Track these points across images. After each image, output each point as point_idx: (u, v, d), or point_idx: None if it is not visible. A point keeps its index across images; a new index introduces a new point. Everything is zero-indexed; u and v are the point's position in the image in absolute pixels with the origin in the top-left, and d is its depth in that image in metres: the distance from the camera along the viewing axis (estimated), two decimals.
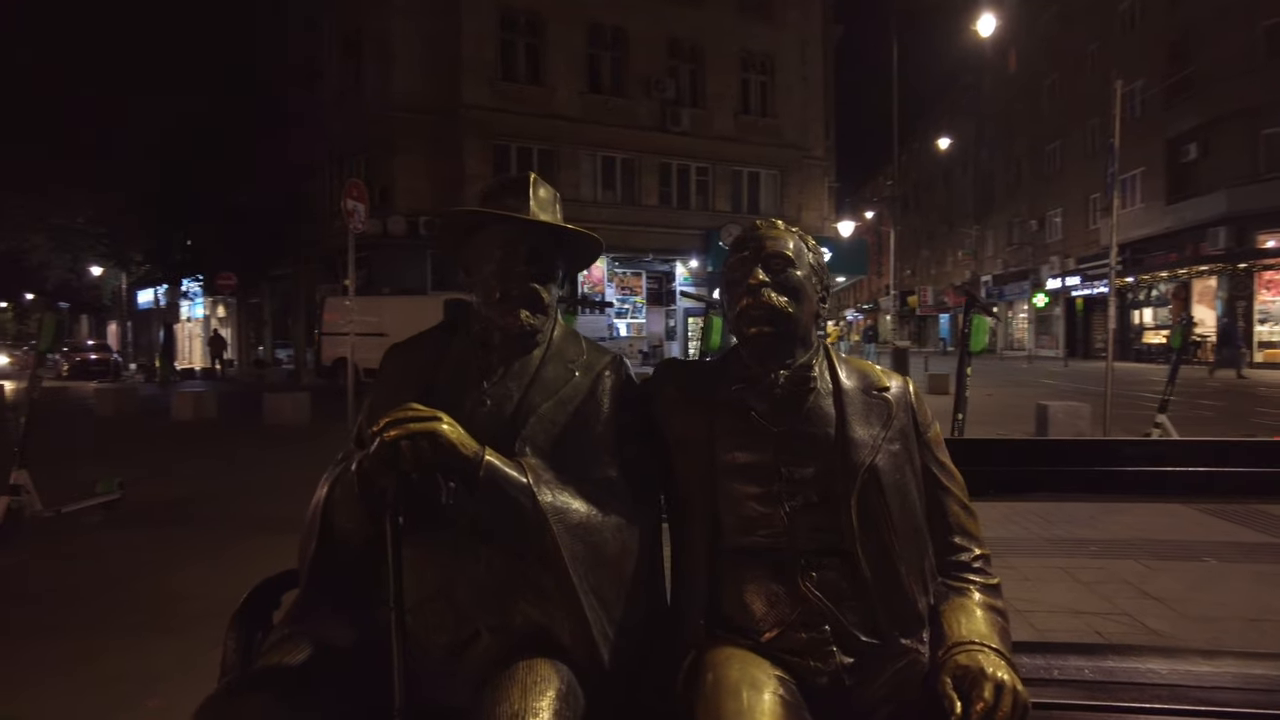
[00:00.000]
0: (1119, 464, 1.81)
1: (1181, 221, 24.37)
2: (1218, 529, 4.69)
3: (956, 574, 1.35)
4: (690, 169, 26.72)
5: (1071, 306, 32.32)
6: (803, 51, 28.06)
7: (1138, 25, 27.81)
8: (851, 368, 1.43)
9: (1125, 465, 1.81)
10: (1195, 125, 24.07)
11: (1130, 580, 3.62)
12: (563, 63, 24.65)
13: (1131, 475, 1.78)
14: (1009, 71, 39.00)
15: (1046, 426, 8.39)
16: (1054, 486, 1.92)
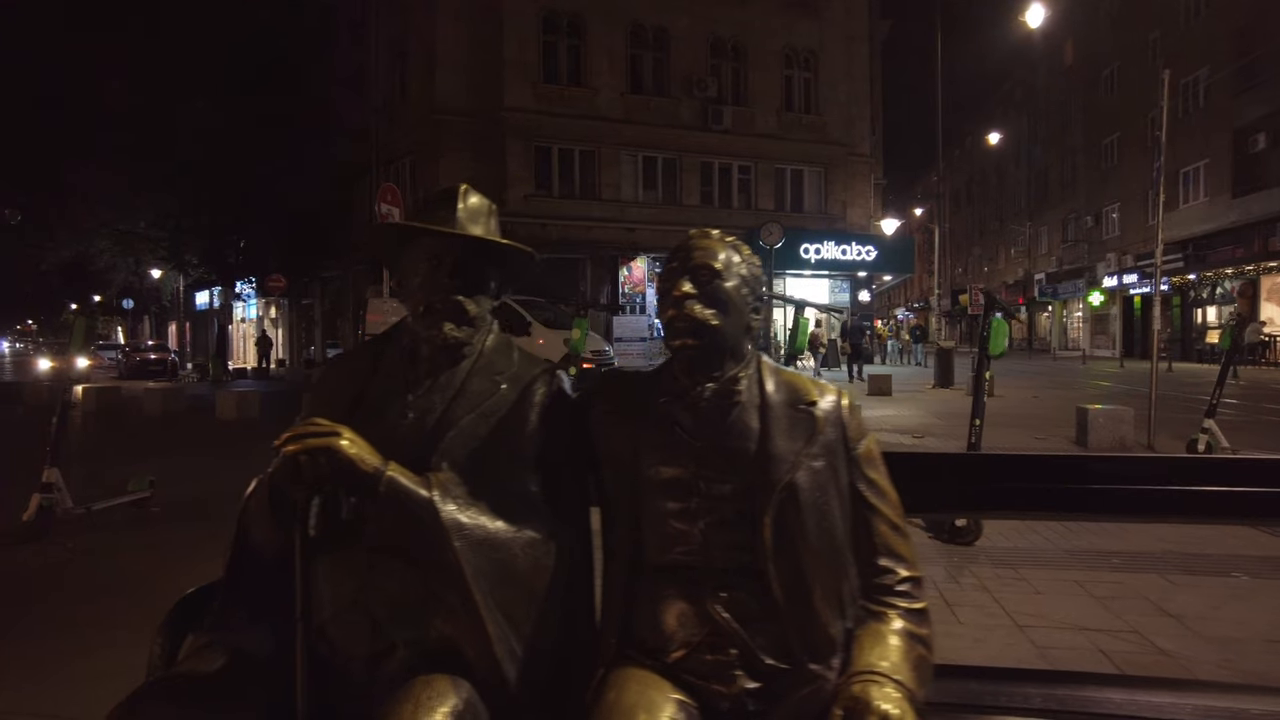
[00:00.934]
0: (1088, 481, 1.72)
1: (1249, 215, 23.35)
2: (1255, 542, 4.47)
3: (879, 597, 1.29)
4: (732, 168, 26.58)
5: (1129, 305, 31.24)
6: (848, 47, 27.67)
7: (1202, 12, 26.72)
8: (782, 380, 1.38)
9: (1095, 483, 1.72)
10: (1264, 114, 23.03)
11: (1149, 596, 3.46)
12: (604, 64, 24.73)
13: (1099, 494, 1.69)
14: (1065, 63, 37.85)
15: (1086, 433, 8.09)
16: (1016, 504, 1.84)
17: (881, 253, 26.92)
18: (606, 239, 24.66)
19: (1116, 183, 32.55)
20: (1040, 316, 41.78)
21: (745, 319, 1.37)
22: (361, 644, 1.27)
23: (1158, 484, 1.62)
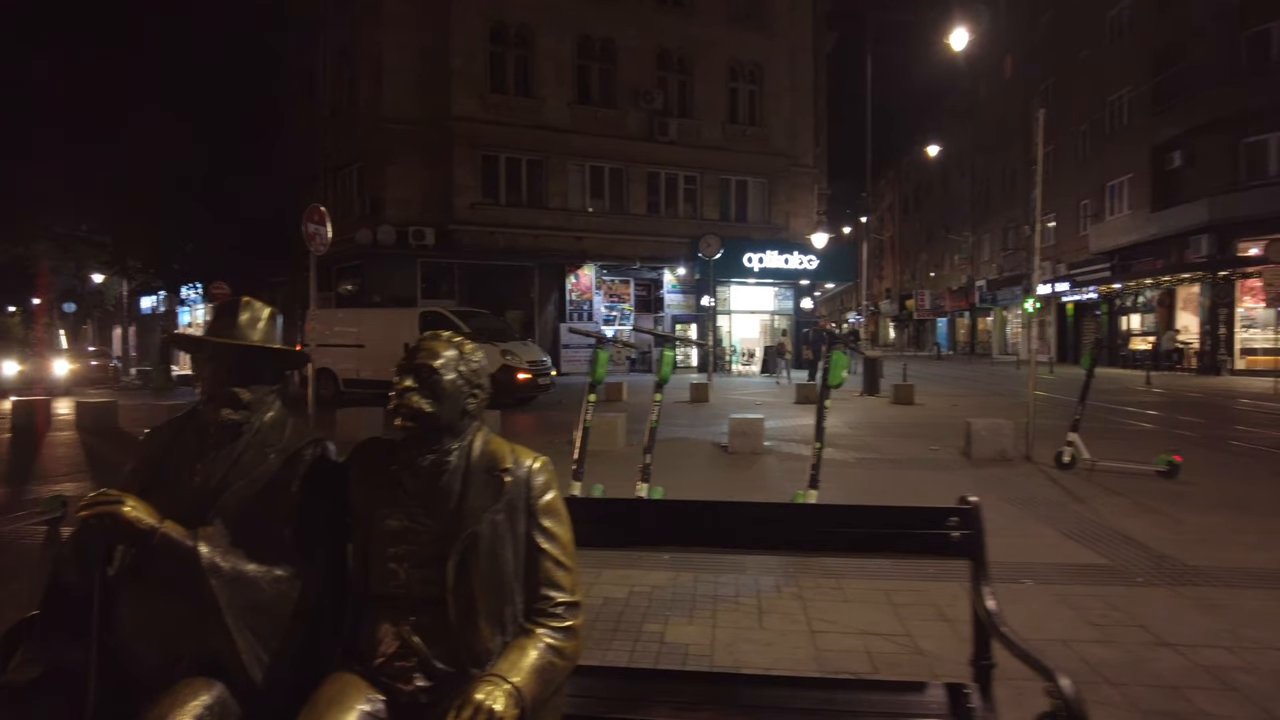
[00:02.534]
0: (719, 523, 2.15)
1: (1166, 229, 24.52)
2: (1059, 549, 5.04)
3: (534, 618, 1.72)
4: (678, 178, 27.16)
5: (1062, 311, 32.49)
6: (792, 60, 28.42)
7: (1125, 33, 27.95)
8: (488, 451, 1.81)
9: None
10: (1179, 133, 24.22)
11: (939, 603, 3.96)
12: (552, 74, 25.13)
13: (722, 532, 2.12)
14: (1005, 77, 39.14)
15: (971, 445, 8.70)
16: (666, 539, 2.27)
17: (824, 261, 27.63)
18: (555, 247, 25.05)
19: (1051, 194, 33.73)
20: (983, 321, 43.08)
21: (461, 405, 1.80)
22: (154, 657, 1.68)
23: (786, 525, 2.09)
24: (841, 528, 2.05)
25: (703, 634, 3.55)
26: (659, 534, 2.03)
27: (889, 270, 61.70)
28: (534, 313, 25.13)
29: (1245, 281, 21.85)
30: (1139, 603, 4.01)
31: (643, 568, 4.42)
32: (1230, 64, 22.11)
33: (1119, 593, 4.17)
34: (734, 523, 2.05)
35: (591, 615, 3.78)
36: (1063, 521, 5.78)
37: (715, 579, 4.31)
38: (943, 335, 48.43)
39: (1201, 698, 2.94)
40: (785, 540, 2.08)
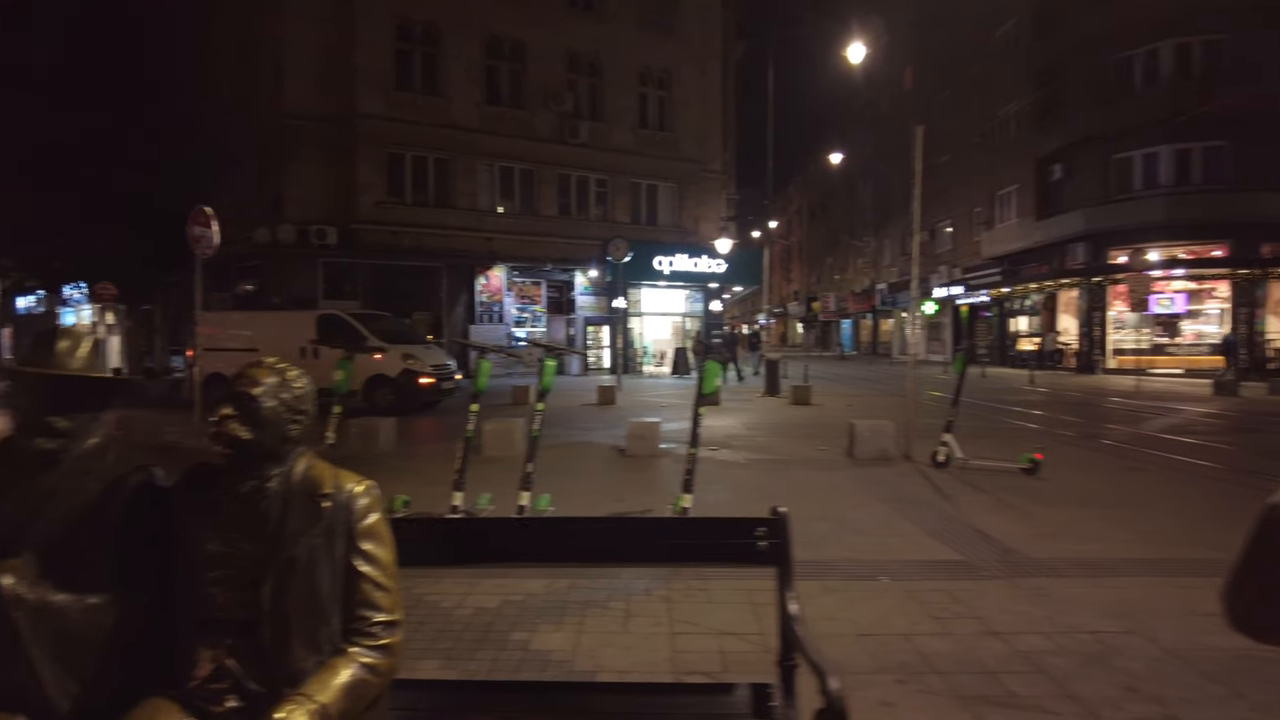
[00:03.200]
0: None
1: (1049, 237, 26.07)
2: (924, 547, 5.37)
3: (350, 638, 1.78)
4: (589, 180, 27.24)
5: (957, 314, 34.09)
6: (702, 68, 28.87)
7: (1012, 51, 29.56)
8: (309, 476, 1.86)
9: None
10: (1059, 148, 25.81)
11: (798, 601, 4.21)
12: (460, 73, 24.84)
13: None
14: (905, 89, 40.74)
15: (855, 445, 9.12)
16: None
17: (733, 265, 28.21)
18: (463, 248, 24.75)
19: (948, 202, 35.38)
20: (885, 323, 44.79)
21: (283, 431, 1.85)
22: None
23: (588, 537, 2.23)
24: (660, 539, 2.18)
25: (568, 640, 3.66)
26: (479, 552, 2.11)
27: (797, 273, 63.40)
28: (442, 314, 24.78)
29: (1115, 287, 23.48)
30: (979, 595, 4.33)
31: (518, 577, 4.49)
32: (1100, 86, 23.72)
33: (964, 586, 4.49)
34: (556, 538, 2.15)
35: (460, 627, 3.85)
36: (927, 519, 6.15)
37: (590, 585, 4.43)
38: (847, 336, 50.08)
39: (1013, 681, 3.23)
40: (607, 553, 2.20)
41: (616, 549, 2.15)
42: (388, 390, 14.42)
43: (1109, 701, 3.03)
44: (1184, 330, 23.75)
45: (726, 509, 6.46)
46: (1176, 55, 22.58)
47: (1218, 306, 23.21)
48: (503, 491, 6.33)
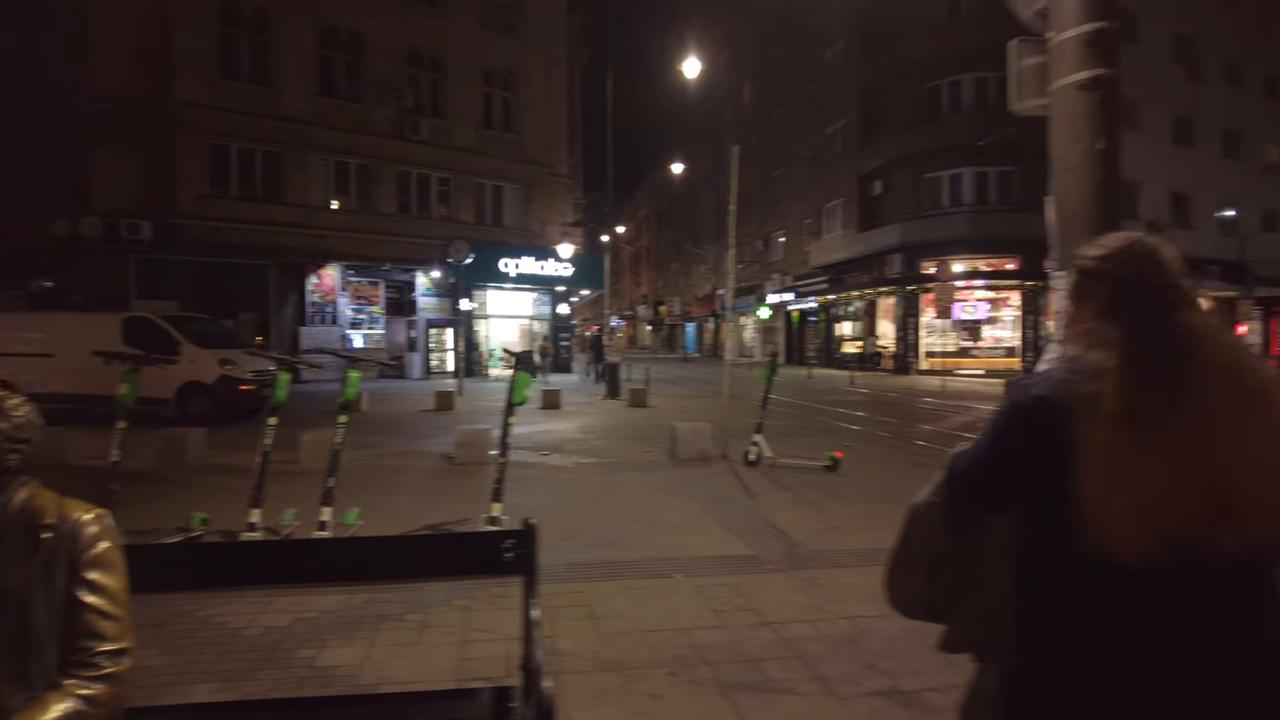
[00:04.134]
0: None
1: (870, 248, 28.09)
2: (721, 543, 5.74)
3: (69, 670, 1.77)
4: (431, 178, 26.66)
5: (789, 319, 36.04)
6: (547, 71, 28.92)
7: (839, 72, 31.61)
8: (31, 507, 1.82)
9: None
10: (879, 165, 27.88)
11: (590, 601, 4.42)
12: (292, 62, 23.66)
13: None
14: (744, 103, 42.61)
15: (677, 446, 9.54)
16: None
17: (580, 268, 28.48)
18: (294, 245, 23.57)
19: (781, 212, 37.36)
20: (725, 326, 46.63)
21: (3, 462, 1.81)
22: None
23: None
24: (414, 556, 2.29)
25: (357, 655, 3.68)
26: (226, 575, 2.13)
27: (646, 277, 64.78)
28: (270, 315, 23.47)
29: (926, 295, 25.68)
30: (761, 588, 4.70)
31: (314, 593, 4.43)
32: (913, 110, 25.90)
33: (749, 580, 4.85)
34: (305, 558, 2.21)
35: (245, 647, 3.76)
36: (730, 516, 6.56)
37: (389, 598, 4.43)
38: (691, 339, 51.70)
39: (772, 667, 3.56)
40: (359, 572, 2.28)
41: (369, 568, 2.23)
42: (203, 398, 13.52)
43: (849, 678, 3.42)
44: (984, 335, 26.33)
45: (546, 515, 6.59)
46: (976, 87, 25.03)
47: (1012, 314, 25.92)
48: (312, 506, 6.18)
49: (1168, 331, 1.31)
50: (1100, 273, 1.44)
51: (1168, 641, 1.24)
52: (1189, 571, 1.23)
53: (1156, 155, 28.92)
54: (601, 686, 3.36)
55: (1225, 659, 1.24)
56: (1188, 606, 1.24)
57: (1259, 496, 1.21)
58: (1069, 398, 1.34)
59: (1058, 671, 1.35)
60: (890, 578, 1.59)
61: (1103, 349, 1.35)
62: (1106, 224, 3.88)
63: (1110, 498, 1.24)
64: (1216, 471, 1.21)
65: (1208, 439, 1.22)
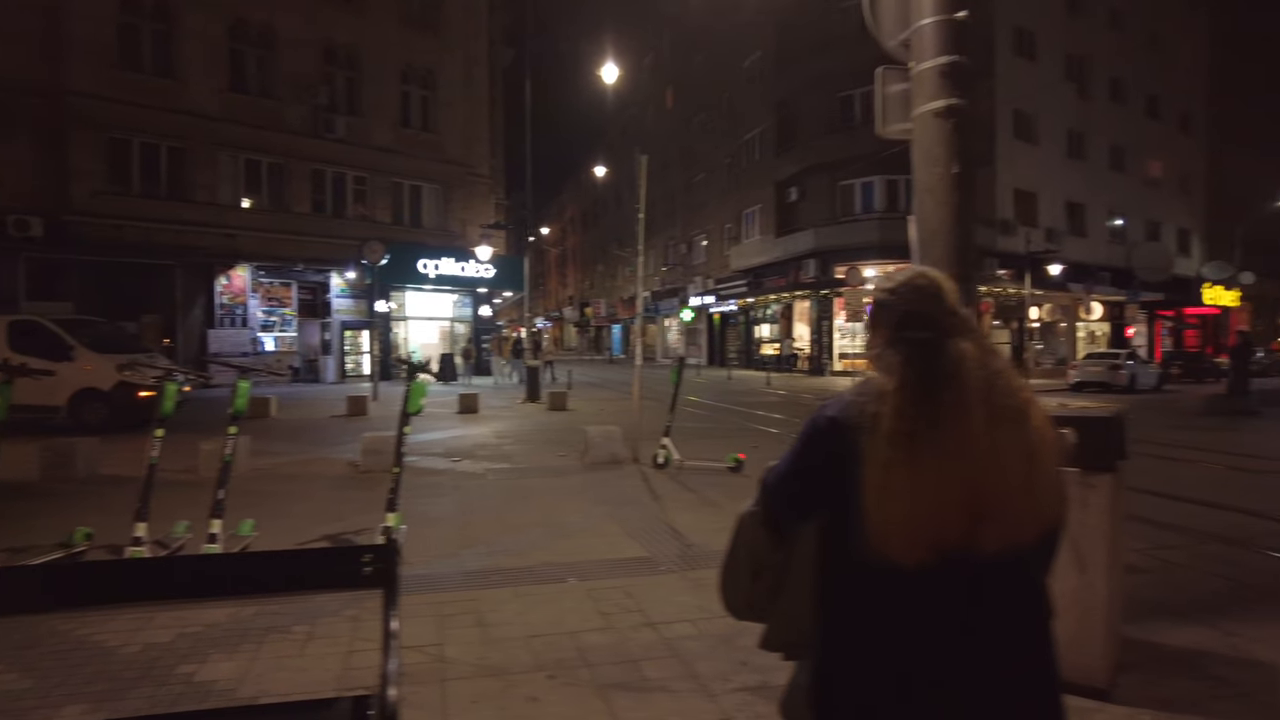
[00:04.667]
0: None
1: (787, 253, 28.79)
2: (619, 546, 5.89)
3: None
4: (347, 177, 26.15)
5: (711, 321, 36.60)
6: (467, 70, 28.66)
7: (757, 81, 32.30)
8: None
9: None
10: (795, 172, 28.61)
11: (482, 609, 4.50)
12: (199, 55, 22.89)
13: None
14: (667, 107, 43.04)
15: (588, 451, 9.66)
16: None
17: (503, 269, 28.34)
18: (201, 244, 22.77)
19: (703, 216, 37.90)
20: (651, 329, 46.99)
21: None
22: None
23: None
24: (272, 572, 2.34)
25: (238, 668, 3.67)
26: (101, 593, 2.12)
27: (572, 278, 64.70)
28: (176, 317, 22.60)
29: (839, 299, 26.48)
30: (651, 589, 4.86)
31: (200, 607, 4.39)
32: (827, 120, 26.68)
33: (641, 582, 5.01)
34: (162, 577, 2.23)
35: (121, 666, 3.71)
36: (632, 519, 6.72)
37: (278, 609, 4.42)
38: (618, 341, 51.91)
39: (651, 667, 3.72)
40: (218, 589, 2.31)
41: (227, 585, 2.27)
42: (99, 405, 12.97)
43: (721, 676, 3.60)
44: None
45: (448, 522, 6.64)
46: None
47: None
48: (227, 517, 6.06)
49: (938, 358, 1.49)
50: (888, 304, 1.62)
51: (942, 633, 1.43)
52: (959, 571, 1.42)
53: (1052, 167, 30.58)
54: (482, 691, 3.46)
55: (993, 644, 1.41)
56: (959, 601, 1.42)
57: (1012, 505, 1.38)
58: (857, 417, 1.52)
59: (848, 667, 1.52)
60: (722, 581, 1.76)
61: (885, 373, 1.53)
62: (962, 242, 4.18)
63: (886, 509, 1.41)
64: (975, 484, 1.37)
65: (967, 455, 1.39)
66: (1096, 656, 3.44)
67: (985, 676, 1.41)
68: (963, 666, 1.40)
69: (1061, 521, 1.52)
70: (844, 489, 1.47)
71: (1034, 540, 1.42)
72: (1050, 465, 1.44)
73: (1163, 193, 37.20)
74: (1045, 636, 1.51)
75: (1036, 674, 1.46)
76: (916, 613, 1.42)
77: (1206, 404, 17.56)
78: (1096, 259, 32.04)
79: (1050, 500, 1.44)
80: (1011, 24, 29.28)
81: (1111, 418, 3.50)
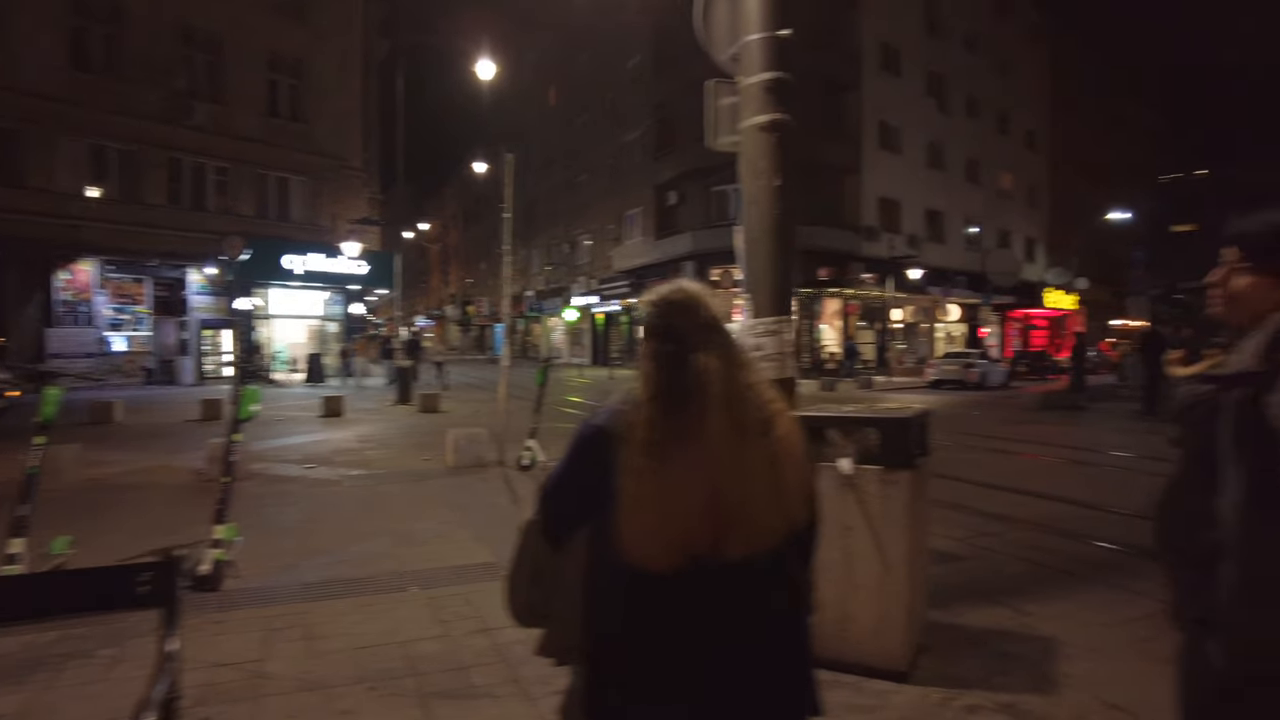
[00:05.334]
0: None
1: (666, 254, 29.26)
2: (467, 552, 5.85)
3: None
4: (207, 168, 24.72)
5: (594, 321, 36.74)
6: (341, 60, 27.64)
7: (637, 84, 32.65)
8: None
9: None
10: (673, 176, 29.10)
11: (313, 622, 4.38)
12: (34, 31, 21.08)
13: None
14: (550, 106, 42.86)
15: (453, 454, 9.52)
16: None
17: (378, 266, 27.47)
18: (40, 236, 21.00)
19: (587, 216, 37.97)
20: (536, 328, 46.73)
21: None
22: None
23: None
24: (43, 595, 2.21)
25: (25, 701, 3.43)
26: None
27: (454, 275, 63.35)
28: (5, 315, 20.71)
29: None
30: (492, 595, 4.83)
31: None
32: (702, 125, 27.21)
33: (482, 588, 4.98)
34: None
35: None
36: (485, 524, 6.67)
37: (85, 633, 4.14)
38: (500, 340, 51.30)
39: (478, 673, 3.72)
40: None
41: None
42: None
43: (542, 679, 3.63)
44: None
45: (292, 533, 6.41)
46: None
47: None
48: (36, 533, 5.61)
49: (683, 371, 1.56)
50: (648, 316, 1.69)
51: (697, 635, 1.50)
52: (712, 574, 1.49)
53: (914, 177, 32.42)
54: (298, 707, 3.37)
55: (748, 643, 1.50)
56: (713, 604, 1.48)
57: (756, 511, 1.47)
58: (620, 427, 1.58)
59: (612, 671, 1.58)
60: (507, 587, 1.79)
61: (641, 384, 1.60)
62: (783, 252, 4.39)
63: (637, 516, 1.48)
64: (719, 493, 1.45)
65: (710, 465, 1.46)
66: (897, 642, 3.69)
67: (740, 674, 1.49)
68: (719, 666, 1.48)
69: (808, 522, 1.63)
70: (605, 497, 1.53)
71: (782, 543, 1.50)
72: (795, 472, 1.53)
73: (1012, 204, 40.16)
74: (800, 632, 1.62)
75: (790, 669, 1.56)
76: (672, 616, 1.49)
77: (1044, 399, 19.05)
78: (954, 264, 34.21)
79: (795, 505, 1.53)
80: (878, 40, 30.88)
81: (910, 419, 3.76)
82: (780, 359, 4.33)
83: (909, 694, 3.54)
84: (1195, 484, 1.82)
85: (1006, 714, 3.36)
